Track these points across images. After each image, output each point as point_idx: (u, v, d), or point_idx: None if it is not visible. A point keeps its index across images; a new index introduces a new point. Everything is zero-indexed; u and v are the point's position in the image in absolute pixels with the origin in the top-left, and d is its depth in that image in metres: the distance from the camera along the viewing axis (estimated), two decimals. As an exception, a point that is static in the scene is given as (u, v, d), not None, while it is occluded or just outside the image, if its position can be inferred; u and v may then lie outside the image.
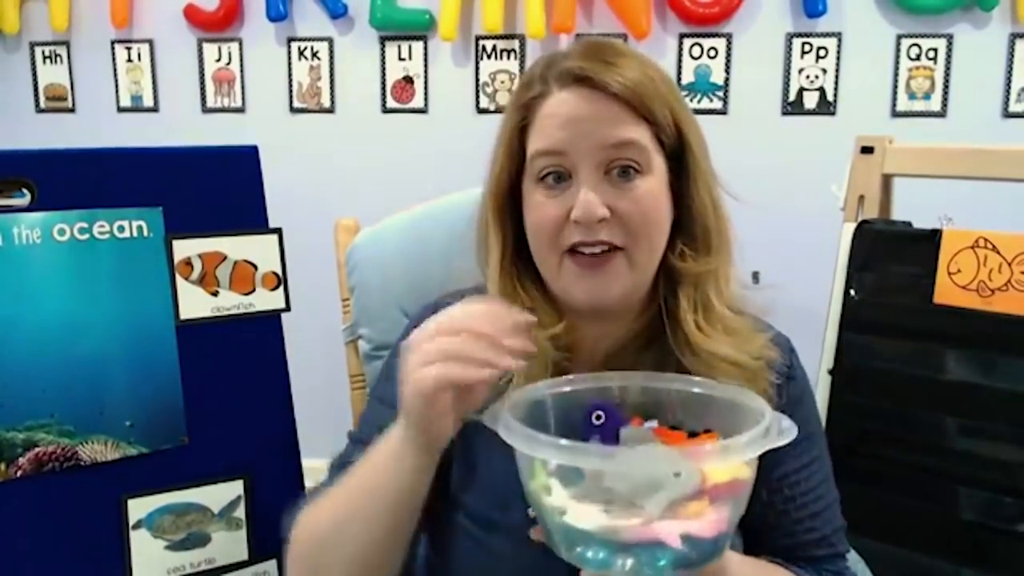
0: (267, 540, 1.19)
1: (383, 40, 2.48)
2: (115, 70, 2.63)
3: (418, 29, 2.45)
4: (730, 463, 0.58)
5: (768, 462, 0.81)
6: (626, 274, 0.75)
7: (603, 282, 0.75)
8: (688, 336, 0.76)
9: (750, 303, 0.85)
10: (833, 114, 2.34)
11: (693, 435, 0.67)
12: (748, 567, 0.74)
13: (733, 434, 0.59)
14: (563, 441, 0.56)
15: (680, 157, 0.77)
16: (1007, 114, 2.27)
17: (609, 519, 0.57)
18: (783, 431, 0.61)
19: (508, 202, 0.80)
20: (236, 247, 1.17)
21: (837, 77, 2.32)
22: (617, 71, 0.73)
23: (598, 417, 0.62)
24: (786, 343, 0.87)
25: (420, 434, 0.67)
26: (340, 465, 0.86)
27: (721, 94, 2.37)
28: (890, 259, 1.32)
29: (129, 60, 2.62)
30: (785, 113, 2.36)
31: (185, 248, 1.14)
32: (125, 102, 2.64)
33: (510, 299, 0.79)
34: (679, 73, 2.37)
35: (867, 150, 1.41)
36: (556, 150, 0.74)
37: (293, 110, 2.57)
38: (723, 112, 2.38)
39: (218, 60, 2.57)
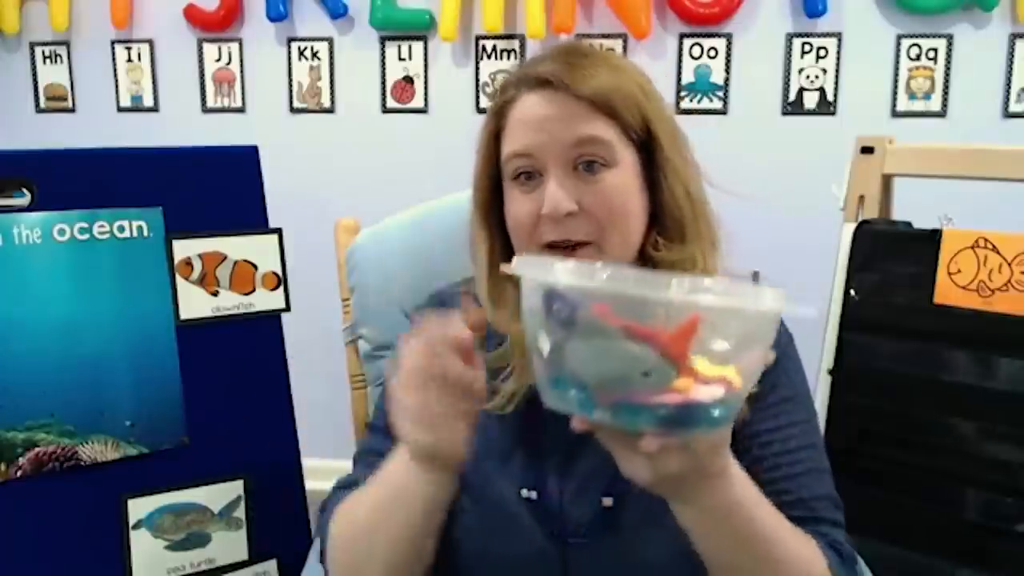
0: (267, 540, 1.19)
1: (383, 40, 2.48)
2: (115, 70, 2.63)
3: (418, 29, 2.45)
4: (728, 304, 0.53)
5: (737, 421, 0.80)
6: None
7: None
8: None
9: None
10: (833, 114, 2.34)
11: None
12: (767, 505, 0.70)
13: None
14: (570, 263, 0.56)
15: (650, 150, 0.80)
16: (1007, 114, 2.27)
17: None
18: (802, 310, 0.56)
19: (491, 204, 0.84)
20: (236, 247, 1.17)
21: (837, 77, 2.32)
22: (582, 73, 0.77)
23: (559, 311, 0.56)
24: (783, 330, 0.88)
25: (433, 469, 0.71)
26: (364, 453, 0.88)
27: (721, 94, 2.37)
28: (890, 259, 1.32)
29: (129, 60, 2.62)
30: (785, 113, 2.36)
31: (185, 248, 1.14)
32: (125, 102, 2.64)
33: (497, 296, 0.83)
34: (679, 73, 2.37)
35: (867, 150, 1.41)
36: (525, 151, 0.78)
37: (293, 110, 2.57)
38: (723, 112, 2.38)
39: (218, 60, 2.57)
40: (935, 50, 2.27)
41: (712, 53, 2.35)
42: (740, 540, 0.66)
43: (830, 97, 2.33)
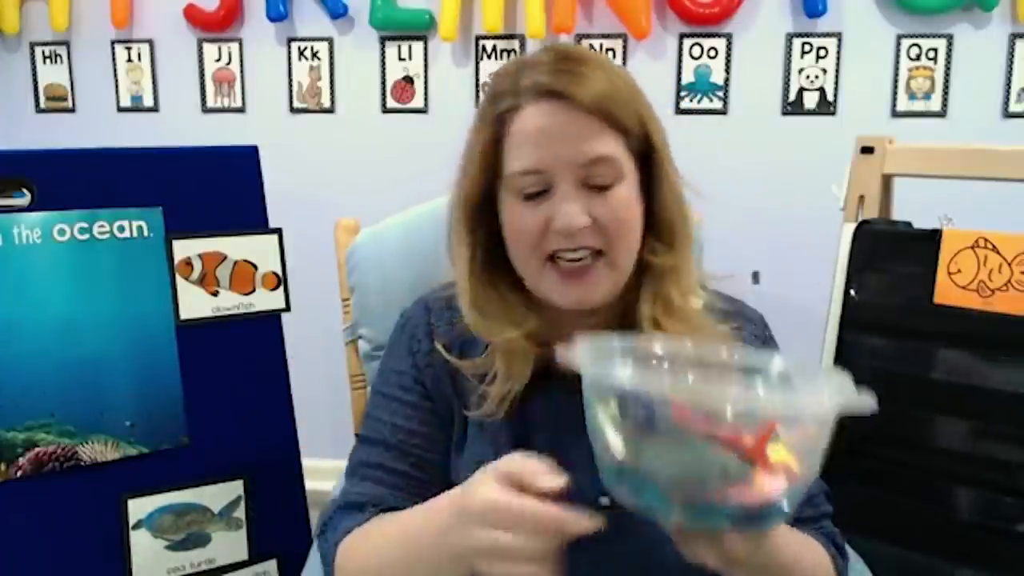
0: (267, 540, 1.19)
1: (383, 40, 2.48)
2: (115, 70, 2.63)
3: (418, 29, 2.45)
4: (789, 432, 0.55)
5: None
6: (607, 277, 0.79)
7: (585, 288, 0.78)
8: (644, 330, 0.80)
9: (722, 288, 0.88)
10: (833, 114, 2.33)
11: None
12: (792, 534, 0.75)
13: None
14: (630, 372, 0.56)
15: (648, 159, 0.80)
16: (1007, 114, 2.27)
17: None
18: (860, 399, 0.57)
19: (479, 210, 0.83)
20: (236, 247, 1.17)
21: (837, 77, 2.32)
22: (586, 82, 0.75)
23: (636, 415, 0.57)
24: (759, 318, 0.90)
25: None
26: (362, 465, 0.87)
27: (721, 94, 2.37)
28: (890, 259, 1.32)
29: (129, 60, 2.61)
30: (785, 113, 2.36)
31: (185, 248, 1.14)
32: (125, 102, 2.64)
33: (481, 305, 0.82)
34: (679, 73, 2.37)
35: (867, 150, 1.41)
36: (535, 169, 0.77)
37: (293, 110, 2.57)
38: (723, 112, 2.37)
39: (218, 60, 2.57)
40: (935, 50, 2.26)
41: (712, 53, 2.35)
42: (774, 572, 0.69)
43: (830, 97, 2.33)
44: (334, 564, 0.81)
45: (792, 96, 2.34)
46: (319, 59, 2.52)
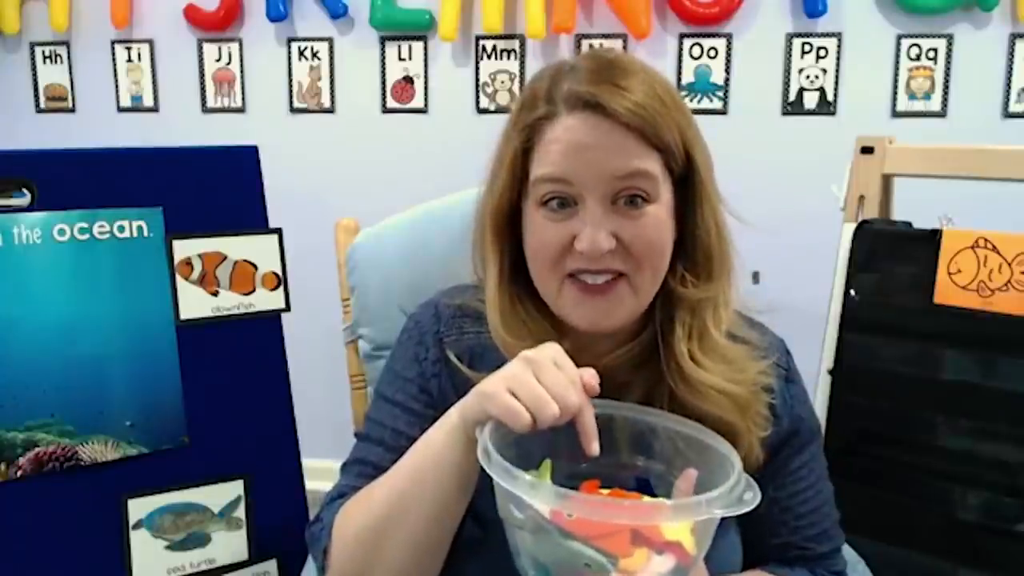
0: (267, 540, 1.19)
1: (383, 40, 2.48)
2: (115, 70, 2.63)
3: (418, 29, 2.45)
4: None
5: (783, 458, 0.81)
6: (629, 300, 0.75)
7: (605, 309, 0.74)
8: (680, 364, 0.75)
9: (749, 310, 0.85)
10: (833, 114, 2.34)
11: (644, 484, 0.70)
12: None
13: (705, 478, 0.61)
14: (529, 478, 0.59)
15: (687, 181, 0.76)
16: (1007, 114, 2.27)
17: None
18: (743, 501, 0.59)
19: (508, 222, 0.79)
20: (236, 247, 1.17)
21: (837, 77, 2.32)
22: (627, 95, 0.70)
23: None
24: (782, 346, 0.87)
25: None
26: (358, 462, 0.86)
27: (721, 94, 2.37)
28: (890, 259, 1.32)
29: (129, 60, 2.62)
30: (785, 113, 2.36)
31: (185, 248, 1.14)
32: (125, 102, 2.64)
33: (510, 319, 0.79)
34: (679, 73, 2.37)
35: (867, 150, 1.41)
36: (561, 178, 0.72)
37: (293, 110, 2.57)
38: (723, 112, 2.38)
39: (218, 60, 2.57)
40: (935, 50, 2.27)
41: (712, 53, 2.35)
42: None
43: (830, 97, 2.33)
44: (331, 539, 0.78)
45: (792, 96, 2.34)
46: (319, 59, 2.53)
